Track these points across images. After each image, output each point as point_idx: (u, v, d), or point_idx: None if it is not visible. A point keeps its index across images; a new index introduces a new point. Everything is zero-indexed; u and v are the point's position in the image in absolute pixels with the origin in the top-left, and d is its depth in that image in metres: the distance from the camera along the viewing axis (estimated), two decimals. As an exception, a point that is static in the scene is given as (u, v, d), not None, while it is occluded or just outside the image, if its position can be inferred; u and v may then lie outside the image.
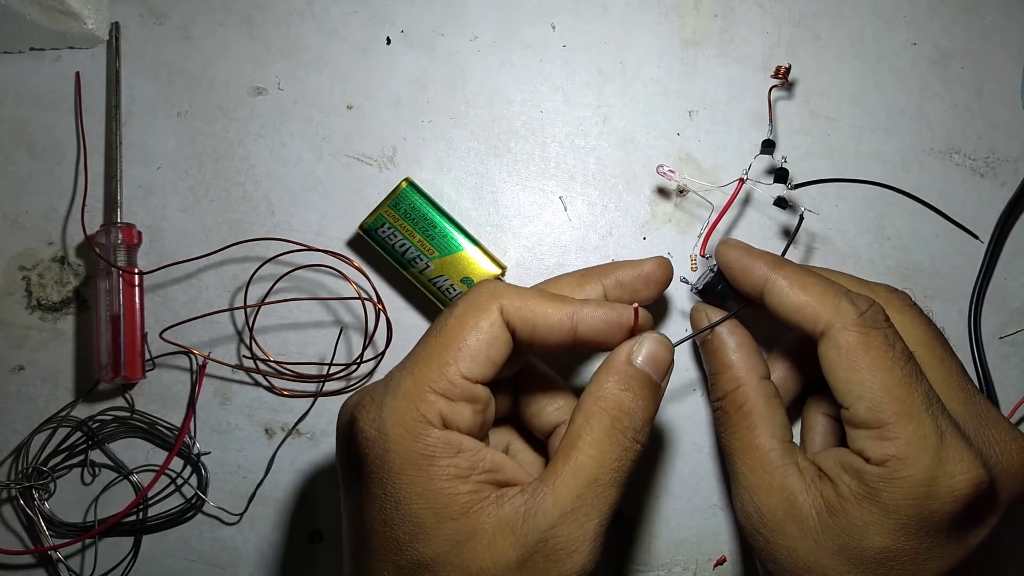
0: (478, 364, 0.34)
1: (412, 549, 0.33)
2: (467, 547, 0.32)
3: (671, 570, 0.48)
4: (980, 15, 0.50)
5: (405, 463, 0.33)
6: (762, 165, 0.47)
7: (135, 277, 0.46)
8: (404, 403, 0.33)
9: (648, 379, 0.36)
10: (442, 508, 0.33)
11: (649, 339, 0.36)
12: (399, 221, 0.45)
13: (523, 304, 0.35)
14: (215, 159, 0.47)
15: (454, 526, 0.32)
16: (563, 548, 0.32)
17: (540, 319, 0.36)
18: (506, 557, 0.32)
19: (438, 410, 0.33)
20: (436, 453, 0.33)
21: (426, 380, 0.34)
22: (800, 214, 0.46)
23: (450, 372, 0.34)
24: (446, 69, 0.48)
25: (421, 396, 0.33)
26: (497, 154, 0.48)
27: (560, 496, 0.33)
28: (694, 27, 0.49)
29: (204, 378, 0.47)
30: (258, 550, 0.47)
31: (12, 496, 0.46)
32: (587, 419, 0.35)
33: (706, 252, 0.45)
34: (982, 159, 0.50)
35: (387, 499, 0.33)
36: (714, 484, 0.48)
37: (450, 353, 0.34)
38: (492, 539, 0.32)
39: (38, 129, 0.47)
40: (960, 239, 0.49)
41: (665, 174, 0.46)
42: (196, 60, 0.48)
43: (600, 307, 0.36)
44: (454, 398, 0.34)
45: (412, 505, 0.33)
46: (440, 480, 0.33)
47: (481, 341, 0.34)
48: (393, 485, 0.33)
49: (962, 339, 0.49)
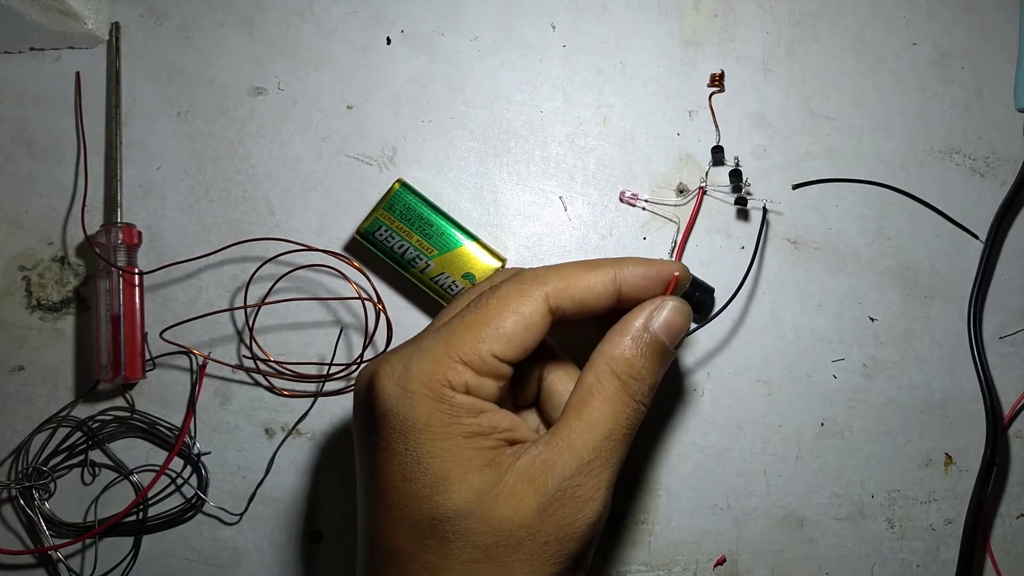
0: (512, 347, 0.35)
1: (432, 503, 0.33)
2: (489, 497, 0.33)
3: (671, 570, 0.48)
4: (980, 15, 0.50)
5: (431, 419, 0.34)
6: (727, 170, 0.48)
7: (135, 277, 0.46)
8: (432, 366, 0.34)
9: (662, 345, 0.36)
10: (466, 461, 0.33)
11: (669, 307, 0.37)
12: (395, 223, 0.45)
13: (567, 284, 0.36)
14: (215, 159, 0.47)
15: (478, 477, 0.33)
16: (580, 496, 0.34)
17: (587, 292, 0.36)
18: (527, 505, 0.33)
19: (464, 380, 0.34)
20: (460, 413, 0.34)
21: (457, 350, 0.34)
22: (763, 208, 0.47)
23: (483, 349, 0.34)
24: (446, 69, 0.48)
25: (450, 364, 0.34)
26: (497, 154, 0.48)
27: (577, 449, 0.34)
28: (694, 27, 0.49)
29: (204, 378, 0.47)
30: (258, 550, 0.47)
31: (12, 496, 0.46)
32: (599, 378, 0.36)
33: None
34: (982, 159, 0.50)
35: (408, 454, 0.34)
36: (714, 484, 0.48)
37: (487, 331, 0.35)
38: (513, 489, 0.33)
39: (38, 129, 0.47)
40: (960, 239, 0.49)
41: (628, 200, 0.47)
42: (196, 60, 0.48)
43: (640, 264, 0.37)
44: (481, 373, 0.35)
45: (436, 459, 0.33)
46: (464, 436, 0.34)
47: (519, 326, 0.35)
48: (416, 440, 0.34)
49: (962, 339, 0.49)
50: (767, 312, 0.48)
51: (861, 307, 0.49)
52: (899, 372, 0.49)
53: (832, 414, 0.49)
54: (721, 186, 0.48)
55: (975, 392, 0.49)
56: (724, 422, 0.48)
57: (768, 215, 0.48)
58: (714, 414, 0.48)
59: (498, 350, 0.35)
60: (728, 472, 0.48)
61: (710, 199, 0.48)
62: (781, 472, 0.48)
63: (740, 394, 0.48)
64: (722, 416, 0.48)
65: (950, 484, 0.49)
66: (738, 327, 0.48)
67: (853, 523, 0.49)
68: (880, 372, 0.49)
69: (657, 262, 0.38)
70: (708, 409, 0.48)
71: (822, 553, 0.49)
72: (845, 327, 0.49)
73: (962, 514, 0.49)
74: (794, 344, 0.48)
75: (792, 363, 0.48)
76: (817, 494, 0.49)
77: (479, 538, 0.33)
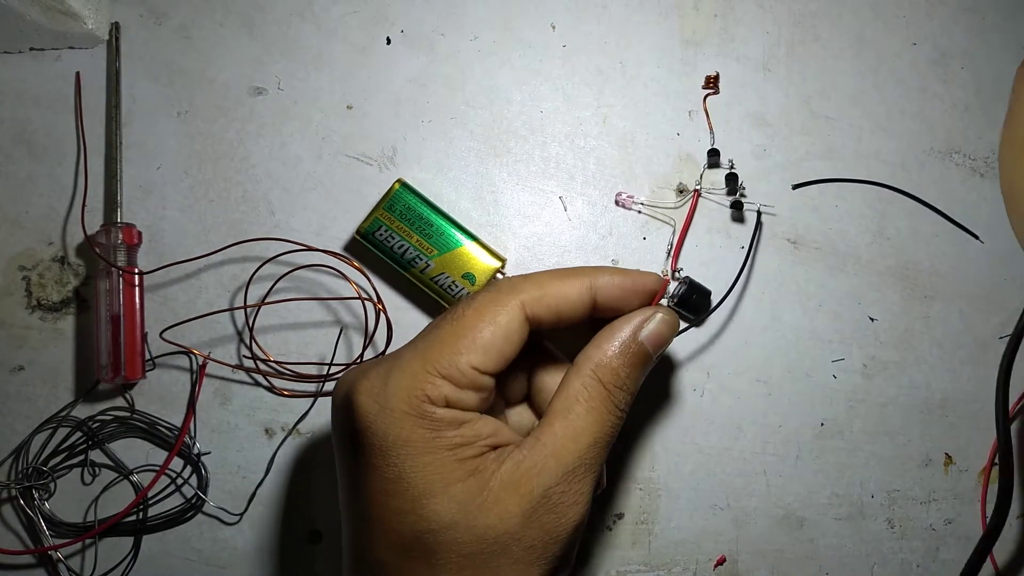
0: (491, 358, 0.35)
1: (415, 516, 0.33)
2: (473, 506, 0.33)
3: (671, 570, 0.48)
4: (980, 15, 0.50)
5: (411, 436, 0.33)
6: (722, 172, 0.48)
7: (135, 277, 0.46)
8: (410, 381, 0.34)
9: (647, 356, 0.37)
10: (448, 473, 0.33)
11: (658, 319, 0.37)
12: (395, 223, 0.45)
13: (543, 292, 0.36)
14: (215, 159, 0.47)
15: (461, 488, 0.33)
16: (565, 502, 0.34)
17: (563, 301, 0.36)
18: (512, 512, 0.33)
19: (444, 394, 0.34)
20: (441, 427, 0.34)
21: (435, 364, 0.34)
22: (757, 211, 0.47)
23: (461, 361, 0.34)
24: (446, 69, 0.48)
25: (428, 378, 0.34)
26: (497, 154, 0.48)
27: (562, 457, 0.34)
28: (694, 27, 0.49)
29: (204, 378, 0.47)
30: (258, 550, 0.47)
31: (12, 496, 0.46)
32: (584, 385, 0.36)
33: (676, 267, 0.47)
34: (982, 159, 0.50)
35: (389, 469, 0.33)
36: (714, 484, 0.48)
37: (464, 343, 0.34)
38: (497, 496, 0.33)
39: (38, 129, 0.47)
40: (960, 239, 0.49)
41: (624, 202, 0.47)
42: (196, 60, 0.48)
43: (615, 274, 0.37)
44: (461, 385, 0.34)
45: (418, 474, 0.33)
46: (445, 449, 0.34)
47: (496, 335, 0.35)
48: (396, 456, 0.33)
49: (961, 338, 0.49)
50: (767, 312, 0.48)
51: (861, 307, 0.49)
52: (899, 372, 0.49)
53: (832, 414, 0.49)
54: (718, 188, 0.48)
55: (975, 392, 0.49)
56: (724, 422, 0.48)
57: (763, 218, 0.48)
58: (714, 414, 0.48)
59: (476, 361, 0.34)
60: (728, 472, 0.48)
61: (709, 201, 0.48)
62: (781, 472, 0.48)
63: (740, 394, 0.48)
64: (722, 416, 0.48)
65: (950, 484, 0.49)
66: (738, 327, 0.48)
67: (853, 523, 0.49)
68: (880, 372, 0.49)
69: (633, 272, 0.38)
70: (708, 409, 0.48)
71: (822, 553, 0.49)
72: (845, 327, 0.49)
73: (962, 514, 0.49)
74: (794, 344, 0.48)
75: (792, 363, 0.48)
76: (817, 494, 0.49)
77: (464, 547, 0.33)
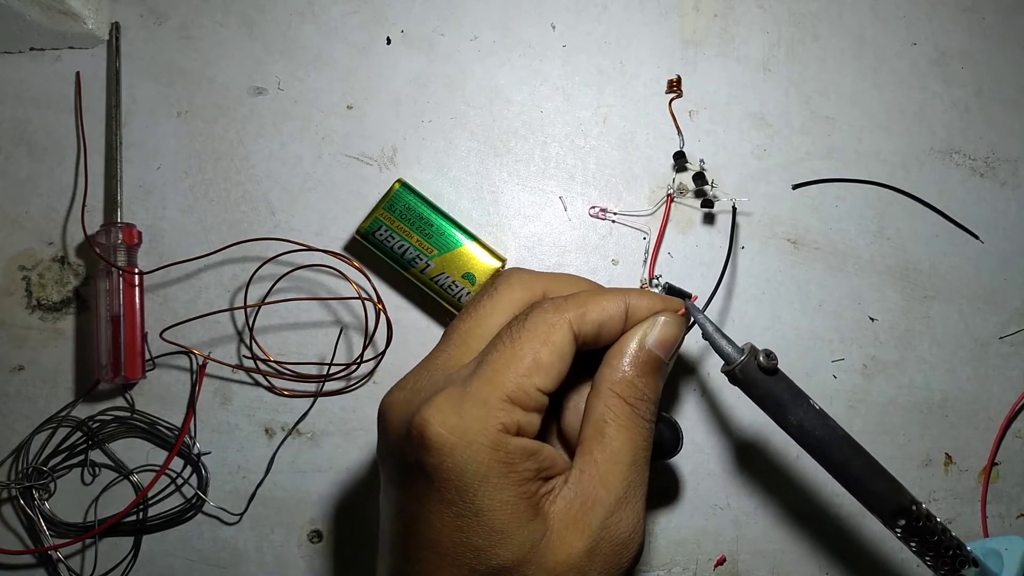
0: (551, 378, 0.35)
1: (492, 554, 0.33)
2: (542, 546, 0.34)
3: (671, 570, 0.48)
4: (980, 15, 0.50)
5: (489, 471, 0.33)
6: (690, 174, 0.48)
7: (135, 277, 0.46)
8: (485, 411, 0.34)
9: (659, 361, 0.37)
10: (522, 512, 0.34)
11: (661, 322, 0.37)
12: (395, 223, 0.45)
13: (585, 309, 0.36)
14: (215, 159, 0.47)
15: (532, 527, 0.34)
16: (623, 531, 0.35)
17: (604, 315, 0.36)
18: (576, 549, 0.34)
19: (516, 420, 0.34)
20: (515, 460, 0.34)
21: (504, 389, 0.34)
22: (732, 207, 0.47)
23: (527, 383, 0.34)
24: (446, 69, 0.48)
25: (500, 405, 0.34)
26: (497, 154, 0.48)
27: (609, 483, 0.35)
28: (694, 27, 0.49)
29: (204, 378, 0.47)
30: (258, 550, 0.47)
31: (12, 496, 0.46)
32: (608, 406, 0.36)
33: (654, 274, 0.47)
34: (982, 159, 0.50)
35: (466, 506, 0.33)
36: (714, 484, 0.48)
37: (525, 365, 0.35)
38: (561, 536, 0.34)
39: (38, 129, 0.47)
40: (960, 239, 0.49)
41: (597, 215, 0.47)
42: (196, 60, 0.48)
43: (644, 296, 0.37)
44: (528, 409, 0.34)
45: (496, 512, 0.33)
46: (519, 486, 0.34)
47: (554, 355, 0.35)
48: (474, 492, 0.33)
49: (961, 338, 0.49)
50: (767, 312, 0.48)
51: (861, 307, 0.49)
52: (899, 372, 0.49)
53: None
54: (692, 191, 0.48)
55: (975, 392, 0.49)
56: (724, 422, 0.48)
57: (762, 218, 0.48)
58: (714, 414, 0.48)
59: (539, 383, 0.34)
60: (728, 472, 0.48)
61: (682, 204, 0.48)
62: (781, 472, 0.48)
63: (740, 394, 0.48)
64: (722, 416, 0.48)
65: (950, 484, 0.49)
66: (738, 327, 0.48)
67: (853, 523, 0.49)
68: (880, 372, 0.49)
69: (659, 296, 0.38)
70: (708, 409, 0.48)
71: (822, 553, 0.49)
72: (845, 327, 0.49)
73: (962, 514, 0.49)
74: (794, 344, 0.48)
75: (792, 363, 0.48)
76: (817, 494, 0.49)
77: None
